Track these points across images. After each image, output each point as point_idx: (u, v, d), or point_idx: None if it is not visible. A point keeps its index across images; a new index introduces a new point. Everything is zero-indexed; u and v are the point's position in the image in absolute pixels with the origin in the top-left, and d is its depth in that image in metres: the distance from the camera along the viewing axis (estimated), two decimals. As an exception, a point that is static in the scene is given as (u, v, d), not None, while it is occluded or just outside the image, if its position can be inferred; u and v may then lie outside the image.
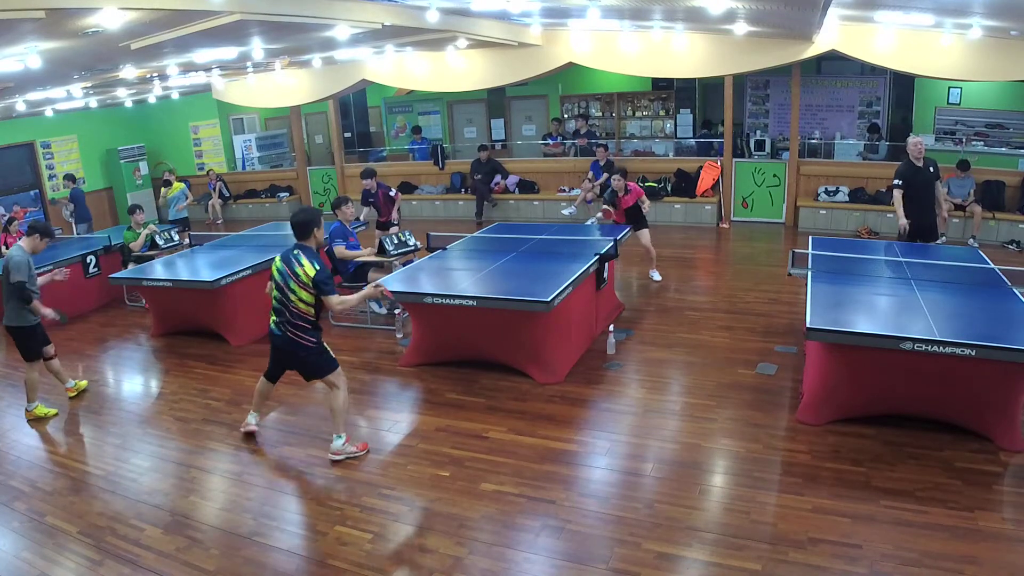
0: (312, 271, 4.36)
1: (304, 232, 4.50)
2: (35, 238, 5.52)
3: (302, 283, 4.38)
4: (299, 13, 5.99)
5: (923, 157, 6.75)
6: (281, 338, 4.56)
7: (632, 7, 7.50)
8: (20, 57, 5.88)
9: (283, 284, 4.45)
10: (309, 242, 4.51)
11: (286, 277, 4.43)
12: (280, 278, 4.47)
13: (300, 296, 4.41)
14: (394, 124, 15.93)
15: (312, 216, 4.55)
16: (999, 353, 4.01)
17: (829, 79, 12.09)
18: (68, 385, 5.92)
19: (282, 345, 4.58)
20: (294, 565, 3.65)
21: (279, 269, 4.48)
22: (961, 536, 3.53)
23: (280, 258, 4.51)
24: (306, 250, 4.45)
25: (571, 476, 4.38)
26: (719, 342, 6.35)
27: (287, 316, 4.48)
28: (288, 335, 4.51)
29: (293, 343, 4.51)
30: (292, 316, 4.47)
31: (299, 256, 4.41)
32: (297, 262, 4.40)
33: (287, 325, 4.50)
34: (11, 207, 12.28)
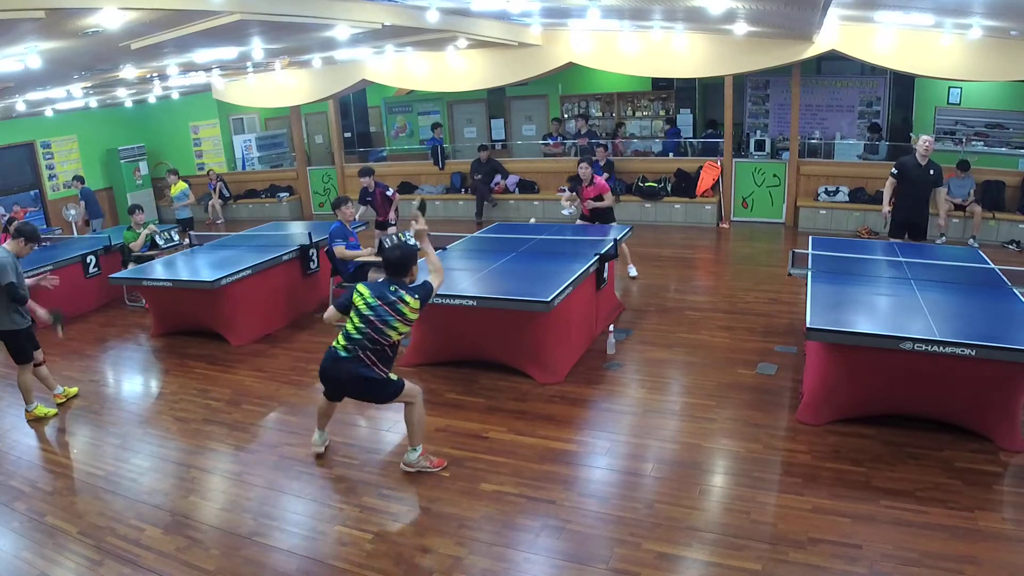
0: (417, 303, 4.25)
1: (402, 270, 4.33)
2: (19, 242, 5.42)
3: (407, 319, 4.23)
4: (299, 13, 5.99)
5: (928, 157, 6.77)
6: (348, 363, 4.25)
7: (632, 7, 7.51)
8: (20, 57, 5.88)
9: (378, 319, 4.19)
10: (405, 279, 4.35)
11: (383, 314, 4.19)
12: (374, 313, 4.19)
13: (399, 330, 4.25)
14: (394, 124, 15.93)
15: (412, 253, 4.40)
16: (999, 353, 4.01)
17: (829, 79, 12.10)
18: (56, 391, 5.82)
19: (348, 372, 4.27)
20: (294, 565, 3.65)
21: (370, 304, 4.21)
22: (961, 536, 3.53)
23: (371, 292, 4.25)
24: (403, 285, 4.30)
25: (571, 476, 4.38)
26: (719, 342, 6.35)
27: (375, 348, 4.23)
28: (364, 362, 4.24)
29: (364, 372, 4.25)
30: (385, 348, 4.26)
31: (399, 292, 4.23)
32: (400, 299, 4.20)
33: (371, 356, 4.23)
34: (11, 207, 12.28)
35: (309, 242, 7.90)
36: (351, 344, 4.25)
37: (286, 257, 7.61)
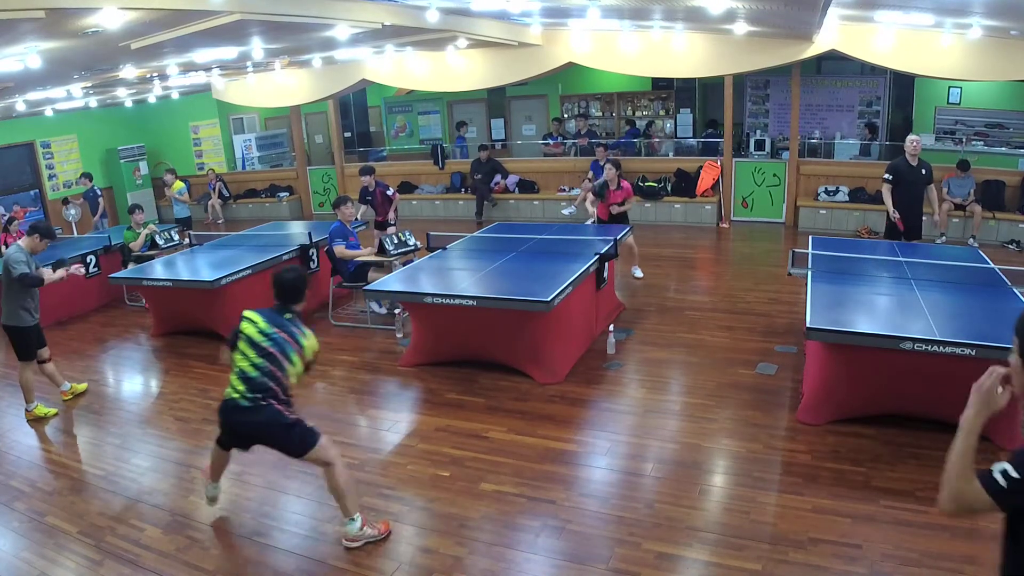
0: (315, 341, 3.80)
1: (297, 296, 3.84)
2: (35, 238, 5.50)
3: (303, 355, 3.75)
4: (299, 13, 5.99)
5: (918, 157, 6.78)
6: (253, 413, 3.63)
7: (632, 7, 7.51)
8: (20, 57, 5.88)
9: (277, 352, 3.65)
10: (299, 307, 3.87)
11: (283, 345, 3.67)
12: (272, 344, 3.65)
13: (297, 369, 3.74)
14: (394, 124, 15.93)
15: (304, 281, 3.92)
16: (999, 353, 4.00)
17: (829, 79, 12.09)
18: (63, 388, 5.86)
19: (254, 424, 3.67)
20: (294, 565, 3.65)
21: (266, 333, 3.66)
22: (961, 536, 3.53)
23: (264, 320, 3.71)
24: (299, 316, 3.84)
25: (571, 476, 4.38)
26: (719, 342, 6.35)
27: (271, 389, 3.64)
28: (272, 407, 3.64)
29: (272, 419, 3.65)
30: (281, 390, 3.68)
31: (296, 322, 3.76)
32: (298, 329, 3.74)
33: (269, 398, 3.64)
34: (11, 207, 12.28)
35: (309, 242, 7.90)
36: (250, 387, 3.63)
37: (286, 257, 7.60)
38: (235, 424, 3.74)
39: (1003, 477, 1.94)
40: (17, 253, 5.36)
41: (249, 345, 3.66)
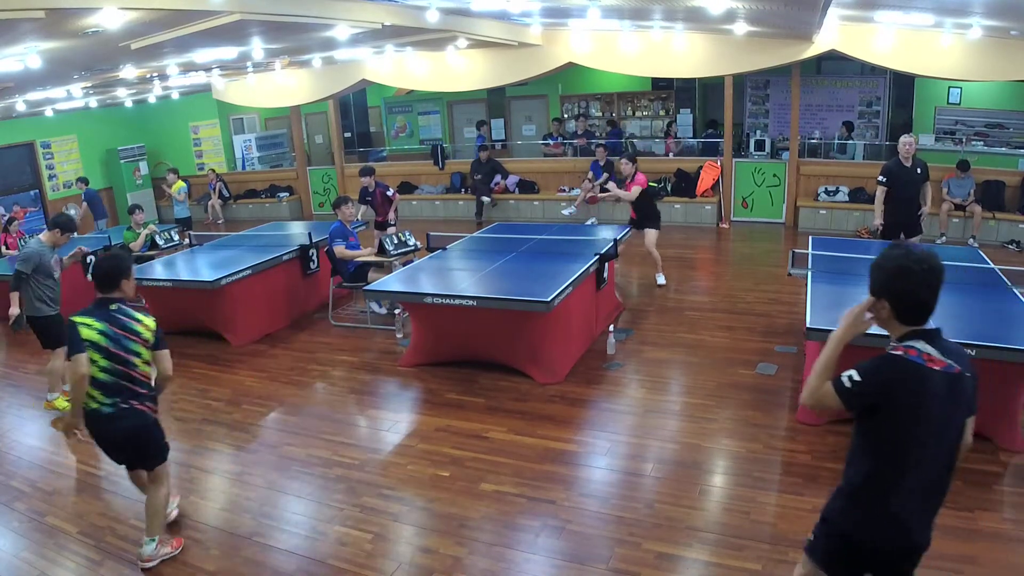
0: (152, 322, 3.59)
1: (111, 283, 3.61)
2: (55, 232, 5.50)
3: (145, 340, 3.55)
4: (299, 13, 5.99)
5: (912, 157, 6.77)
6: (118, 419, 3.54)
7: (632, 7, 7.51)
8: (20, 57, 5.88)
9: (119, 350, 3.49)
10: (117, 294, 3.63)
11: (122, 339, 3.51)
12: (111, 343, 3.49)
13: (144, 357, 3.57)
14: (394, 124, 15.94)
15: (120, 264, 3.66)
16: (999, 353, 4.01)
17: (829, 79, 12.10)
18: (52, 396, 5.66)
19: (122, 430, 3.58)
20: (294, 565, 3.65)
21: (103, 332, 3.49)
22: (961, 536, 3.53)
23: (95, 320, 3.51)
24: (124, 303, 3.64)
25: (571, 476, 4.38)
26: (719, 342, 6.35)
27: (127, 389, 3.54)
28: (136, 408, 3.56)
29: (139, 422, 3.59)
30: (138, 385, 3.57)
31: (124, 310, 3.58)
32: (129, 318, 3.56)
33: (129, 399, 3.55)
34: (11, 207, 12.28)
35: (309, 242, 7.90)
36: (105, 392, 3.51)
37: (286, 257, 7.60)
38: (104, 433, 3.61)
39: (849, 381, 2.27)
40: (30, 249, 5.41)
41: (95, 350, 3.48)
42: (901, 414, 2.20)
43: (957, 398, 2.27)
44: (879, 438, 2.27)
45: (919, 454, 2.23)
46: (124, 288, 3.65)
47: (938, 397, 2.20)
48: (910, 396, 2.19)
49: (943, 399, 2.21)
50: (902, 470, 2.24)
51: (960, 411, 2.30)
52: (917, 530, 2.31)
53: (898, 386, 2.20)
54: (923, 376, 2.21)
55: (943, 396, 2.21)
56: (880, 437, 2.27)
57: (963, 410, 2.31)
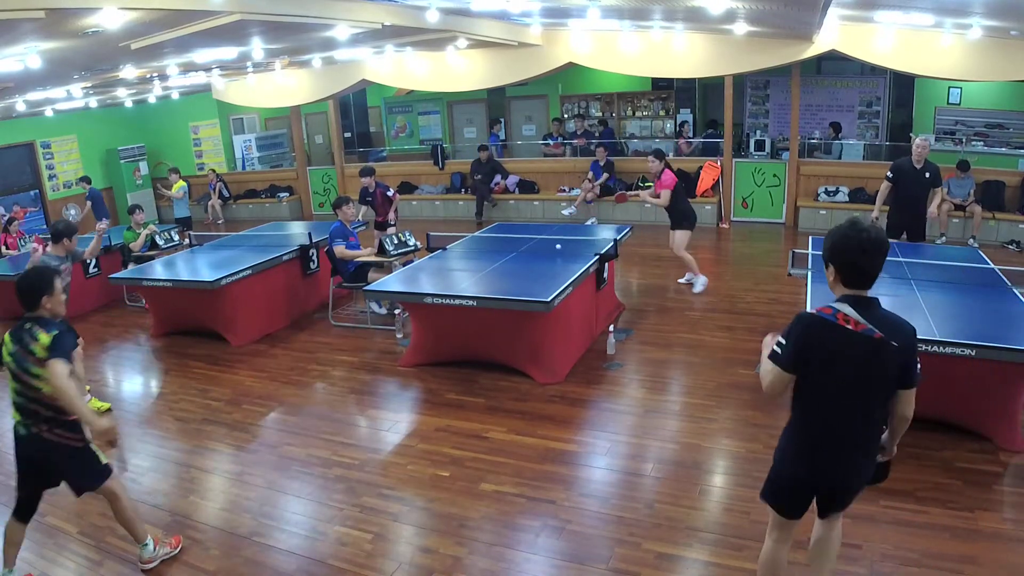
0: (47, 338, 3.23)
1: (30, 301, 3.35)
2: (65, 242, 5.53)
3: (39, 359, 3.22)
4: (299, 13, 5.99)
5: (924, 160, 6.76)
6: (34, 441, 3.36)
7: (632, 7, 7.50)
8: (20, 57, 5.88)
9: (21, 371, 3.29)
10: (40, 313, 3.36)
11: (20, 360, 3.28)
12: (17, 364, 3.30)
13: (44, 377, 3.22)
14: (394, 124, 15.94)
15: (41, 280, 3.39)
16: (999, 353, 4.01)
17: (829, 79, 12.10)
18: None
19: (35, 452, 3.39)
20: (294, 565, 3.65)
21: (11, 353, 3.32)
22: (961, 536, 3.53)
23: (10, 339, 3.34)
24: (41, 321, 3.33)
25: (571, 476, 4.38)
26: (719, 342, 6.35)
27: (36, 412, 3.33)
28: (44, 436, 3.34)
29: (51, 446, 3.36)
30: (46, 409, 3.32)
31: (33, 330, 3.28)
32: (32, 337, 3.26)
33: (40, 423, 3.34)
34: (11, 207, 12.28)
35: (309, 242, 7.90)
36: (20, 412, 3.36)
37: (286, 257, 7.61)
38: (21, 452, 3.42)
39: (777, 346, 2.59)
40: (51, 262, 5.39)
41: (7, 371, 3.34)
42: (812, 366, 2.52)
43: (874, 361, 2.48)
44: (799, 387, 2.61)
45: (830, 405, 2.56)
46: (46, 306, 3.36)
47: (849, 356, 2.48)
48: (820, 350, 2.50)
49: (856, 359, 2.47)
50: (814, 417, 2.61)
51: (880, 376, 2.52)
52: (830, 472, 2.66)
53: (811, 340, 2.52)
54: (834, 334, 2.48)
55: (856, 357, 2.47)
56: (800, 386, 2.61)
57: (885, 377, 2.52)
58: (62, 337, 3.25)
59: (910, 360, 2.52)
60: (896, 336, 2.50)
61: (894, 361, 2.49)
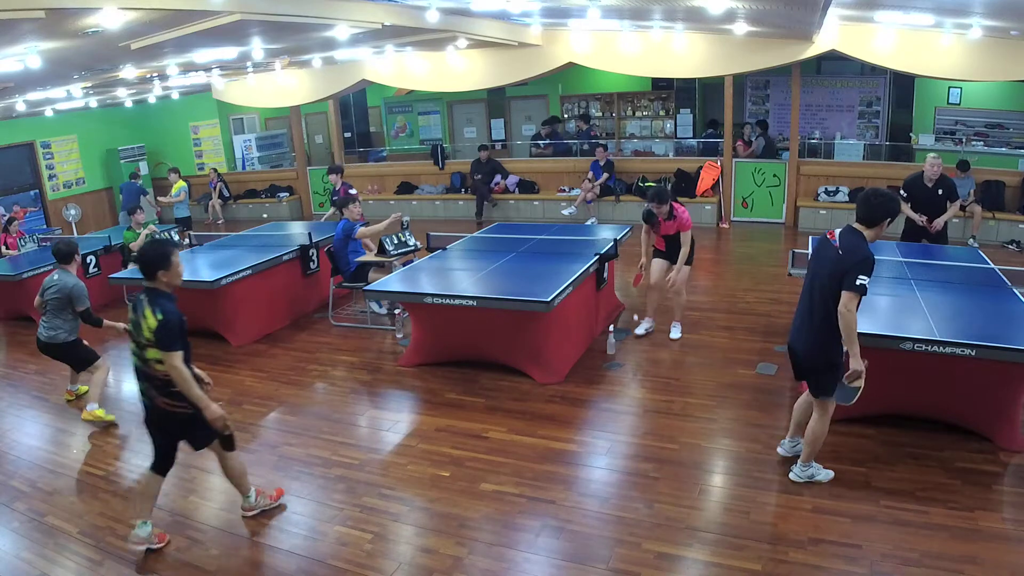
0: (154, 322, 3.44)
1: (147, 273, 3.57)
2: (75, 261, 5.57)
3: (146, 337, 3.49)
4: (299, 13, 5.99)
5: (936, 178, 6.69)
6: (150, 412, 3.69)
7: (632, 7, 7.50)
8: (20, 57, 5.88)
9: (135, 340, 3.56)
10: (157, 285, 3.58)
11: (136, 329, 3.55)
12: (135, 330, 3.57)
13: (150, 354, 3.51)
14: (394, 124, 15.93)
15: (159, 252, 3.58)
16: (999, 353, 4.01)
17: (829, 79, 12.10)
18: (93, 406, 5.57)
19: (154, 419, 3.71)
20: (294, 565, 3.65)
21: (131, 320, 3.60)
22: (961, 536, 3.53)
23: (131, 305, 3.63)
24: (152, 295, 3.54)
25: (571, 476, 4.38)
26: (719, 342, 6.35)
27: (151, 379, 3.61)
28: (158, 406, 3.63)
29: (165, 414, 3.65)
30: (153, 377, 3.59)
31: (143, 305, 3.52)
32: (141, 313, 3.50)
33: (154, 393, 3.61)
34: (11, 207, 12.28)
35: (309, 242, 7.90)
36: (139, 379, 3.65)
37: (286, 257, 7.60)
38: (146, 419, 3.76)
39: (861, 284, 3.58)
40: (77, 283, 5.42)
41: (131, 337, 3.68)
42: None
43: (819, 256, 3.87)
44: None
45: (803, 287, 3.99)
46: (162, 279, 3.56)
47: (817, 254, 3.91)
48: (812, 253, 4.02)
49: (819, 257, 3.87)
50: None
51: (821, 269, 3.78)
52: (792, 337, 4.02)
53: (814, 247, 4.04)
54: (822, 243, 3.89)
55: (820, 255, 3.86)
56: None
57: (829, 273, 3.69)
58: (167, 326, 3.43)
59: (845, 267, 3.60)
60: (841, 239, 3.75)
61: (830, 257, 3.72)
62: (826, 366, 3.82)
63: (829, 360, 3.81)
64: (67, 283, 5.37)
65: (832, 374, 3.81)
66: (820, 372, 3.86)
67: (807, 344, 3.86)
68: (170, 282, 3.59)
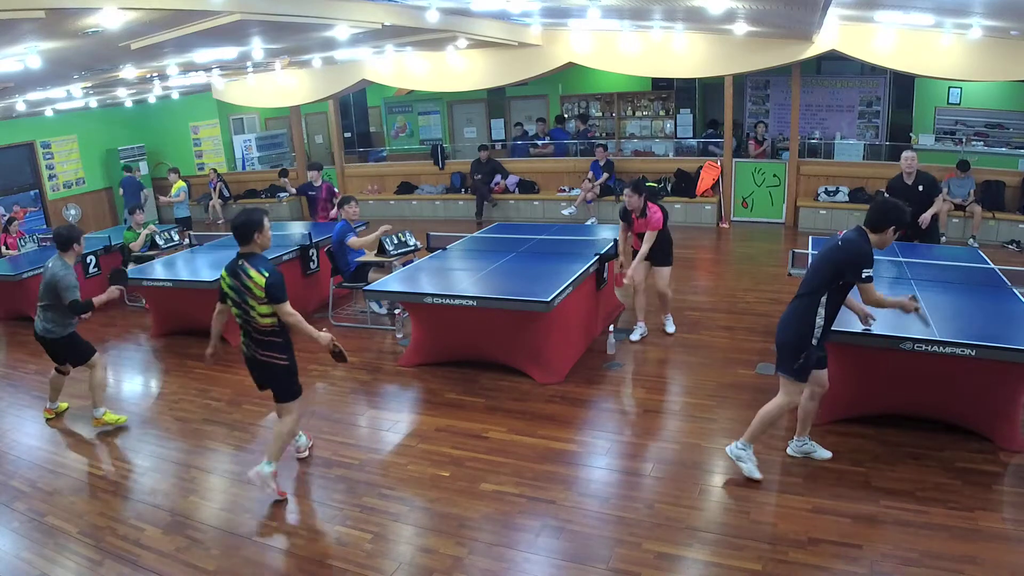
0: (261, 279, 3.94)
1: (242, 237, 4.03)
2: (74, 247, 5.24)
3: (255, 295, 3.97)
4: (299, 13, 5.99)
5: (915, 172, 6.72)
6: (250, 361, 4.21)
7: (632, 7, 7.50)
8: (20, 57, 5.88)
9: (241, 300, 4.02)
10: (252, 248, 4.06)
11: (240, 293, 4.01)
12: (236, 294, 4.03)
13: (260, 311, 4.00)
14: (394, 124, 15.93)
15: (252, 217, 4.05)
16: (999, 353, 4.01)
17: (829, 79, 12.09)
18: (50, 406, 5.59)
19: (253, 367, 4.23)
20: (294, 565, 3.65)
21: (231, 285, 4.05)
22: (961, 536, 3.53)
23: (227, 274, 4.08)
24: (251, 258, 4.03)
25: (571, 476, 4.38)
26: (719, 342, 6.35)
27: (255, 333, 4.09)
28: (257, 356, 4.14)
29: (264, 364, 4.16)
30: (258, 333, 4.08)
31: (245, 267, 3.99)
32: (245, 274, 3.97)
33: (255, 345, 4.12)
34: (11, 207, 12.28)
35: (309, 242, 7.90)
36: (243, 332, 4.17)
37: (286, 257, 7.60)
38: (248, 366, 4.28)
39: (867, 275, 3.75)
40: (67, 275, 5.09)
41: (229, 300, 4.10)
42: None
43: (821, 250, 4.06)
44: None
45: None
46: (257, 240, 4.03)
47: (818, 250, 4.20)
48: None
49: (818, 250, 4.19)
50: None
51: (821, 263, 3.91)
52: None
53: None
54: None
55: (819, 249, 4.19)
56: None
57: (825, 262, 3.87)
58: (274, 282, 3.95)
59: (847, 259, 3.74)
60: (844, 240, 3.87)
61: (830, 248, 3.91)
62: (793, 347, 3.92)
63: (798, 346, 3.90)
64: (56, 273, 5.08)
65: (795, 354, 3.91)
66: (786, 349, 3.96)
67: (785, 321, 4.00)
68: (263, 244, 4.08)
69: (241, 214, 4.05)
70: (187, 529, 3.99)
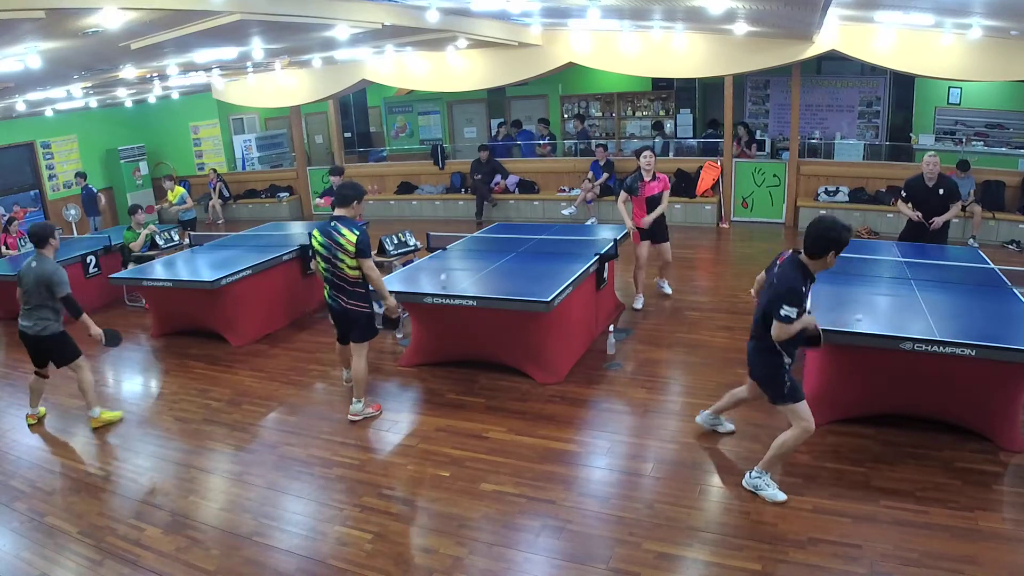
0: (353, 237, 4.76)
1: (344, 202, 4.92)
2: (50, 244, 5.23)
3: (347, 251, 4.78)
4: (299, 13, 5.99)
5: (937, 177, 6.66)
6: (337, 309, 5.02)
7: (632, 7, 7.50)
8: (20, 57, 5.88)
9: (331, 255, 4.84)
10: (348, 211, 4.90)
11: (331, 249, 4.83)
12: (325, 251, 4.86)
13: (349, 264, 4.82)
14: (394, 124, 15.94)
15: (360, 189, 5.02)
16: (999, 353, 4.01)
17: (829, 79, 12.10)
18: (32, 411, 5.58)
19: (338, 315, 5.09)
20: (294, 565, 3.65)
21: (322, 243, 4.86)
22: (961, 536, 3.53)
23: (319, 233, 4.88)
24: (343, 220, 4.83)
25: (571, 476, 4.38)
26: (719, 342, 6.35)
27: (342, 285, 4.91)
28: (343, 305, 4.95)
29: (348, 312, 4.98)
30: (346, 283, 4.90)
31: (337, 227, 4.80)
32: (337, 232, 4.79)
33: (341, 295, 4.93)
34: (11, 207, 12.28)
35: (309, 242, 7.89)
36: (328, 285, 4.98)
37: (286, 257, 7.60)
38: (332, 315, 5.17)
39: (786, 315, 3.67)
40: (57, 269, 5.14)
41: (319, 256, 4.93)
42: None
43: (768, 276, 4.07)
44: None
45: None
46: (355, 207, 4.95)
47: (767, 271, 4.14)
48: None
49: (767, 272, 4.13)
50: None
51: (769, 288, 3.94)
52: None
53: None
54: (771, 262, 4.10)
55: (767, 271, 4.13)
56: None
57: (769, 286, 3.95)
58: (364, 238, 4.82)
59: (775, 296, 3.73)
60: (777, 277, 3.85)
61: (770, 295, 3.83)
62: (768, 378, 3.95)
63: (774, 375, 3.91)
64: (45, 269, 5.09)
65: (774, 383, 3.92)
66: (764, 383, 4.01)
67: (751, 360, 4.10)
68: (358, 212, 5.01)
69: (351, 183, 5.05)
70: (187, 529, 3.99)
